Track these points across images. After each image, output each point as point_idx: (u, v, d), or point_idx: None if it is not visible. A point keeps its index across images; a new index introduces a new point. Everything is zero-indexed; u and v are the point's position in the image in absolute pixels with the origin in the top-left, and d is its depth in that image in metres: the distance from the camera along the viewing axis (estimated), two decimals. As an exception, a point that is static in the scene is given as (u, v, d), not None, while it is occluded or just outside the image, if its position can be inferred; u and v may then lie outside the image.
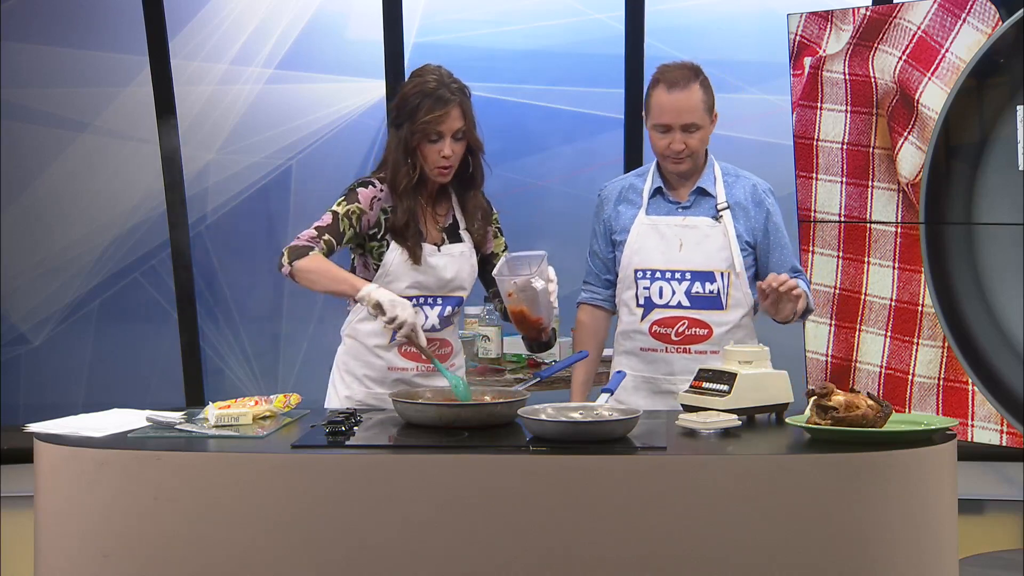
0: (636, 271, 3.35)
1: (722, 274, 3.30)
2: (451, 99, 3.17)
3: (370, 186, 3.25)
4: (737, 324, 3.32)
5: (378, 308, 3.03)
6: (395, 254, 3.22)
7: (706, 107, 3.29)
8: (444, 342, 3.30)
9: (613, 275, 3.45)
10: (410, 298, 3.20)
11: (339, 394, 3.34)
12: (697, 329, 3.30)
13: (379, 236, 3.23)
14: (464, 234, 3.31)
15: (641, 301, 3.35)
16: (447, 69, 3.27)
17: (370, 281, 3.17)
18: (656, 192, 3.39)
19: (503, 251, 3.37)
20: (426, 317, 3.24)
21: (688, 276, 3.32)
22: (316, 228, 3.18)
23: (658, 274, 3.34)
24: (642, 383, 3.36)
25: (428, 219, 3.29)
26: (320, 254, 3.13)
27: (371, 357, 3.28)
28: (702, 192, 3.36)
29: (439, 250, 3.26)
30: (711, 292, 3.30)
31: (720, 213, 3.33)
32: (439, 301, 3.26)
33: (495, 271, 3.14)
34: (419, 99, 3.18)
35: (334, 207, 3.21)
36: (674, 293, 3.32)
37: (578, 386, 3.50)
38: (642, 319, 3.35)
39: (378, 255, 3.24)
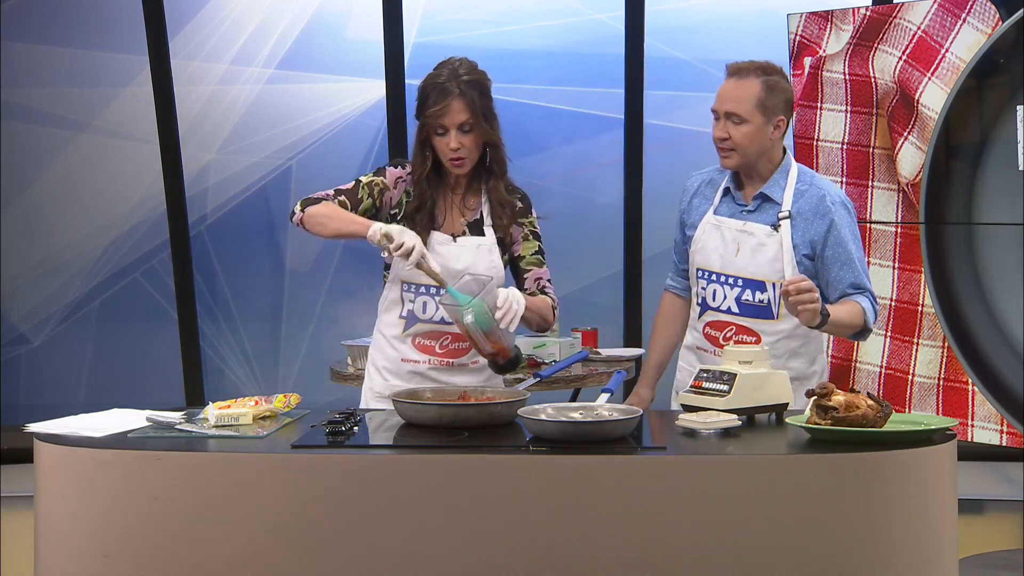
0: (698, 270, 3.33)
1: (773, 284, 3.24)
2: (454, 92, 3.16)
3: (399, 167, 3.28)
4: (789, 335, 3.26)
5: (387, 238, 3.03)
6: None
7: (759, 103, 3.21)
8: (458, 336, 3.25)
9: (688, 266, 3.42)
10: (420, 286, 3.21)
11: (365, 387, 3.37)
12: (745, 336, 3.26)
13: (399, 217, 3.25)
14: (488, 230, 3.30)
15: (699, 300, 3.34)
16: (472, 62, 3.23)
17: (388, 269, 3.24)
18: (727, 191, 3.35)
19: (533, 255, 3.35)
20: (436, 308, 3.24)
21: (740, 283, 3.27)
22: (336, 190, 3.22)
23: (714, 276, 3.30)
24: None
25: (453, 210, 3.29)
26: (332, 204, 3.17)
27: (388, 348, 3.29)
28: (767, 198, 3.29)
29: (455, 241, 3.26)
30: (761, 301, 3.26)
31: (779, 222, 3.26)
32: None
33: (440, 299, 3.14)
34: (428, 91, 3.19)
35: (361, 176, 3.25)
36: (725, 298, 3.29)
37: (648, 370, 3.46)
38: (699, 317, 3.34)
39: None
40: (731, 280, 3.28)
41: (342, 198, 3.20)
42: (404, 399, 2.88)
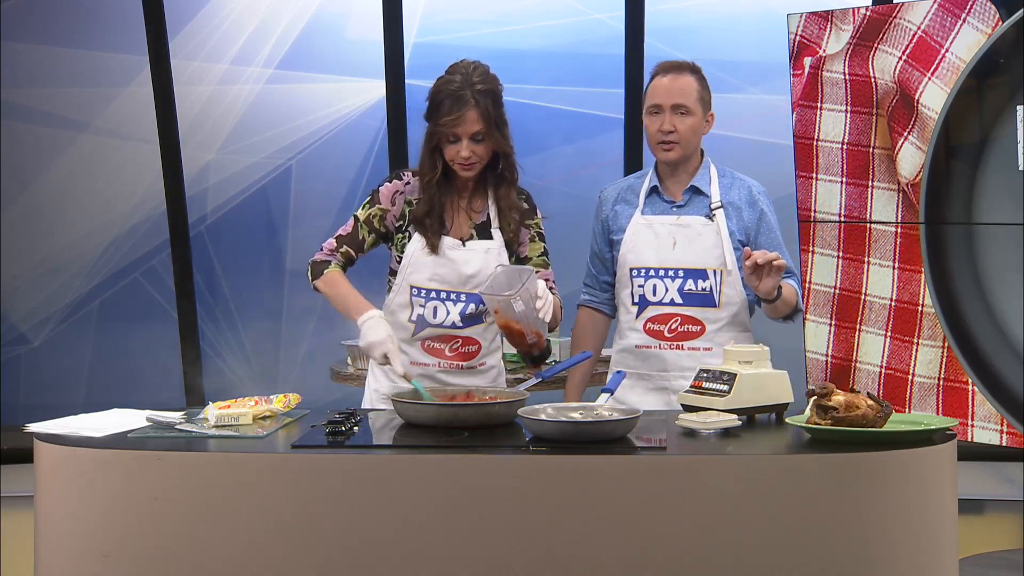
0: (631, 269, 3.39)
1: (715, 271, 3.34)
2: (469, 101, 3.15)
3: (395, 180, 3.28)
4: (730, 321, 3.37)
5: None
6: (416, 245, 3.23)
7: (699, 96, 3.36)
8: (469, 340, 3.28)
9: (611, 277, 3.48)
10: (431, 292, 3.21)
11: (370, 387, 3.37)
12: (690, 326, 3.34)
13: (404, 228, 3.25)
14: (495, 232, 3.30)
15: (636, 299, 3.39)
16: (484, 66, 3.24)
17: (395, 275, 3.22)
18: (652, 191, 3.45)
19: (539, 256, 3.36)
20: (447, 313, 3.24)
21: (681, 274, 3.36)
22: (337, 238, 3.28)
23: (652, 272, 3.38)
24: (637, 380, 3.40)
25: (461, 214, 3.29)
26: (337, 269, 3.21)
27: None
28: (696, 191, 3.41)
29: (463, 245, 3.26)
30: (703, 289, 3.34)
31: (713, 212, 3.37)
32: (462, 298, 3.24)
33: (482, 288, 3.15)
34: (441, 98, 3.18)
35: (357, 211, 3.26)
36: (667, 290, 3.36)
37: (573, 387, 3.54)
38: (637, 317, 3.39)
39: (401, 247, 3.25)
40: (671, 272, 3.36)
41: (345, 248, 3.25)
42: (404, 399, 2.88)
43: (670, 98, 3.34)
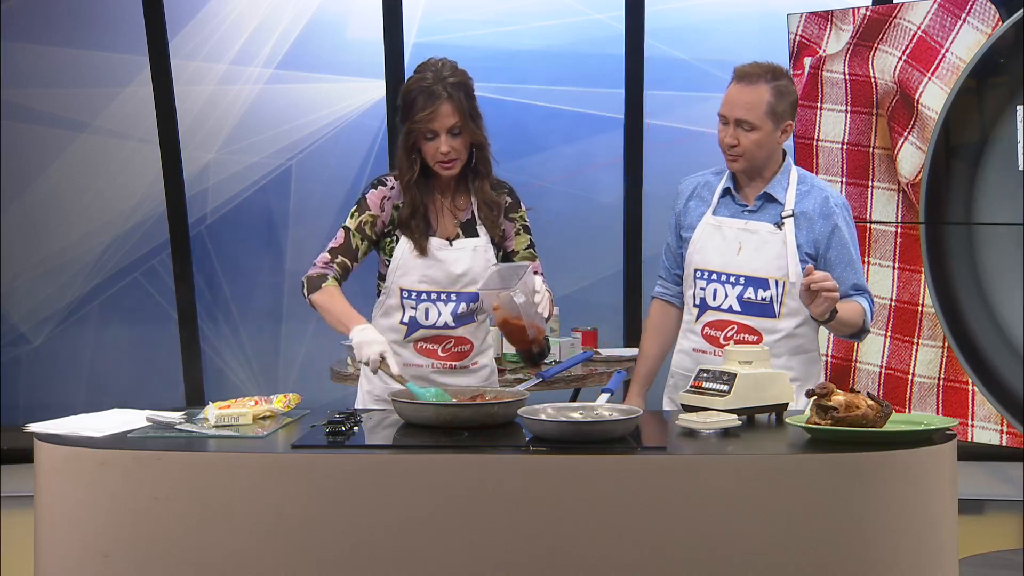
0: (696, 271, 3.31)
1: (776, 282, 3.23)
2: (442, 95, 3.14)
3: (380, 186, 3.26)
4: (790, 334, 3.25)
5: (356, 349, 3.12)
6: (404, 248, 3.22)
7: (769, 109, 3.20)
8: (461, 340, 3.27)
9: (683, 270, 3.40)
10: (421, 293, 3.21)
11: (363, 389, 3.37)
12: (746, 335, 3.24)
13: (392, 232, 3.25)
14: (481, 229, 3.29)
15: (697, 301, 3.31)
16: (452, 61, 3.23)
17: (384, 279, 3.23)
18: (726, 192, 3.33)
19: (526, 249, 3.34)
20: (439, 313, 3.24)
21: (742, 281, 3.26)
22: (330, 251, 3.24)
23: (714, 276, 3.28)
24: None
25: (445, 213, 3.28)
26: (333, 283, 3.20)
27: None
28: (770, 198, 3.29)
29: (451, 244, 3.25)
30: (763, 299, 3.24)
31: (783, 220, 3.26)
32: (452, 297, 3.24)
33: (479, 285, 3.14)
34: (414, 95, 3.17)
35: (347, 221, 3.25)
36: (727, 296, 3.26)
37: (639, 379, 3.44)
38: (696, 319, 3.32)
39: (389, 251, 3.25)
40: (732, 279, 3.27)
41: (340, 259, 3.22)
42: (403, 399, 2.88)
43: (734, 111, 3.21)
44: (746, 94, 3.21)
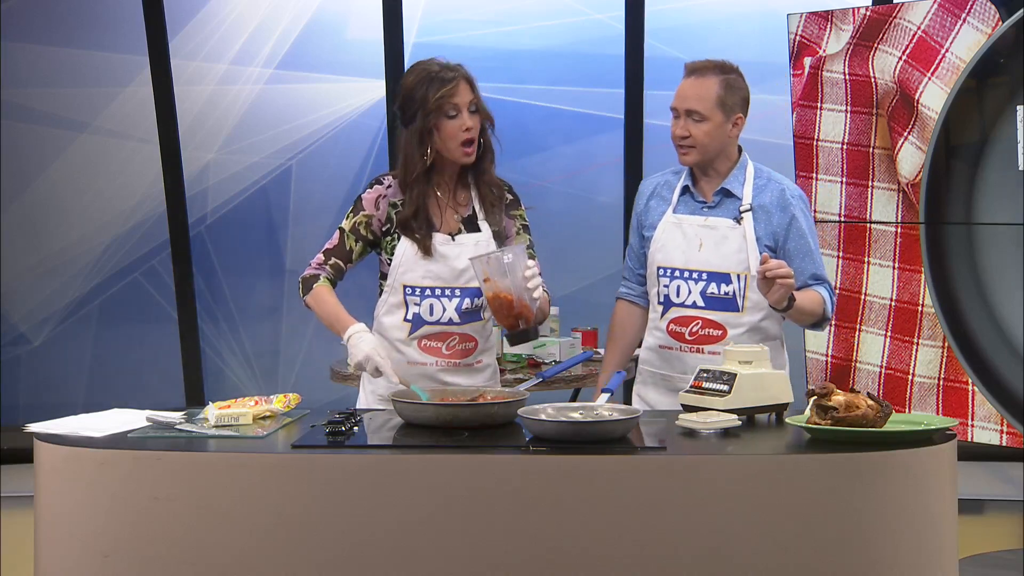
0: (659, 268, 3.35)
1: (738, 276, 3.27)
2: (457, 75, 3.19)
3: (376, 185, 3.28)
4: (754, 327, 3.29)
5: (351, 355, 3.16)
6: (405, 246, 3.23)
7: (719, 101, 3.26)
8: (466, 337, 3.27)
9: (646, 269, 3.43)
10: (425, 289, 3.21)
11: (365, 389, 3.37)
12: (711, 330, 3.28)
13: (391, 231, 3.25)
14: (483, 224, 3.30)
15: (661, 299, 3.35)
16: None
17: (386, 277, 3.25)
18: (685, 190, 3.38)
19: (526, 248, 3.34)
20: (444, 309, 3.24)
21: (704, 276, 3.30)
22: (324, 252, 3.28)
23: (677, 272, 3.32)
24: (659, 380, 3.36)
25: (446, 209, 3.28)
26: (325, 284, 3.24)
27: (392, 352, 3.28)
28: (728, 193, 3.33)
29: (453, 240, 3.26)
30: (726, 293, 3.28)
31: (741, 215, 3.30)
32: (456, 293, 3.24)
33: (471, 255, 3.15)
34: (426, 83, 3.19)
35: (343, 222, 3.27)
36: (690, 292, 3.30)
37: (603, 376, 3.49)
38: (661, 317, 3.35)
39: (391, 249, 3.25)
40: (695, 275, 3.31)
41: (333, 260, 3.26)
42: (403, 399, 2.88)
43: (684, 103, 3.28)
44: (696, 87, 3.28)
